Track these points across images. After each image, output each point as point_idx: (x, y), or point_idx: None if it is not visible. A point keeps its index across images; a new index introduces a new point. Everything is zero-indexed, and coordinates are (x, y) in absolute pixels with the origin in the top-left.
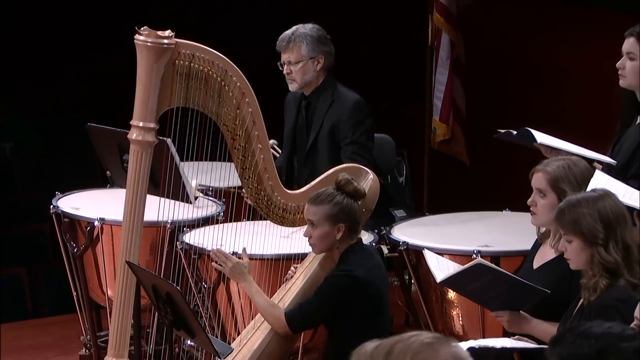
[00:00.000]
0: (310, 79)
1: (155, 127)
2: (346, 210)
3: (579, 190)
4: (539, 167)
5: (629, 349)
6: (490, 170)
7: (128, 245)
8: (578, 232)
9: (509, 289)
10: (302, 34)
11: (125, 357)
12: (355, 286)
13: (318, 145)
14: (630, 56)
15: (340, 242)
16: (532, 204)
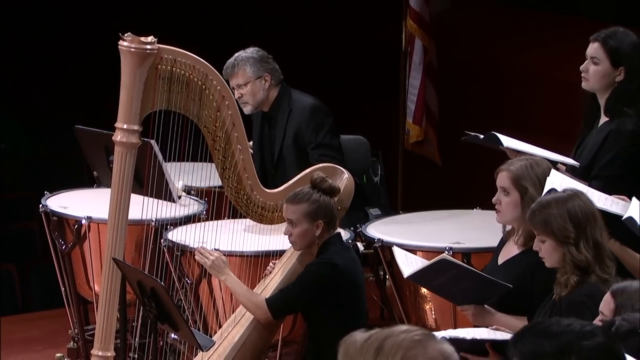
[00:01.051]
0: (262, 97)
1: (139, 129)
2: (323, 206)
3: (541, 189)
4: (503, 167)
5: (590, 346)
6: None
7: (114, 242)
8: (550, 233)
9: (473, 283)
10: (244, 57)
11: (111, 350)
12: (335, 273)
13: (284, 154)
14: (594, 61)
15: (319, 238)
16: (496, 202)
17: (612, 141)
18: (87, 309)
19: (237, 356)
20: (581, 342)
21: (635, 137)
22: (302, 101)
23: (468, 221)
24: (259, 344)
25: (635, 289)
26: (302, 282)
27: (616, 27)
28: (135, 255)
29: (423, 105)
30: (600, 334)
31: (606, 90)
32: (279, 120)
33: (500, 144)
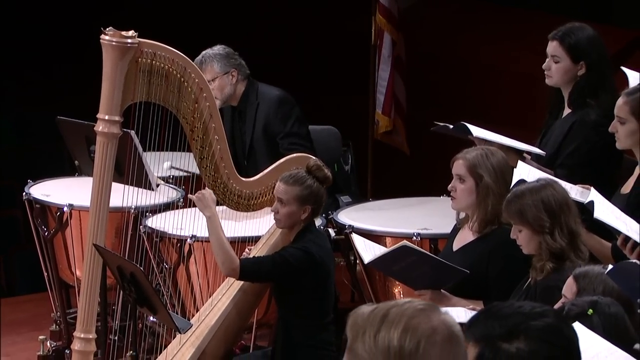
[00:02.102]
0: (230, 92)
1: (119, 120)
2: (314, 193)
3: (496, 177)
4: (459, 156)
5: (538, 326)
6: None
7: (95, 229)
8: (525, 223)
9: (431, 269)
10: (211, 54)
11: (92, 333)
12: (308, 261)
13: (255, 146)
14: (554, 59)
15: (303, 222)
16: (452, 189)
17: (576, 131)
18: (69, 293)
19: (214, 338)
20: (529, 323)
21: (598, 127)
22: (269, 93)
23: (435, 208)
24: (235, 326)
25: (597, 273)
26: (276, 259)
27: (572, 22)
28: (115, 241)
29: (392, 97)
30: (549, 315)
31: (569, 84)
32: (248, 113)
33: (470, 133)
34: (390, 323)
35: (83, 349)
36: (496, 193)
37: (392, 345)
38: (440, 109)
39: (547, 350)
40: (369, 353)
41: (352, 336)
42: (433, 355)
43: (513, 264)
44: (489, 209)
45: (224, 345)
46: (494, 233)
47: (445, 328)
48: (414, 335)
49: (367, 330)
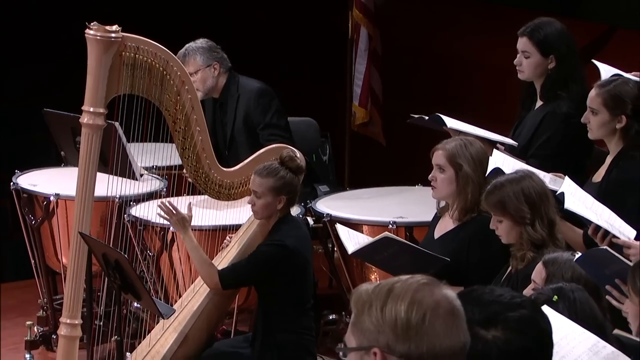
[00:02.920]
0: (212, 84)
1: (104, 112)
2: (288, 183)
3: (475, 166)
4: (438, 146)
5: (514, 317)
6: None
7: (80, 217)
8: (506, 214)
9: (413, 258)
10: (194, 47)
11: (78, 318)
12: (284, 254)
13: (236, 136)
14: (525, 55)
15: (279, 212)
16: (432, 179)
17: (548, 123)
18: (55, 280)
19: (196, 323)
20: (507, 314)
21: (569, 119)
22: (250, 86)
23: (411, 197)
24: (216, 312)
25: (566, 259)
26: (253, 261)
27: (540, 18)
28: (100, 229)
29: (368, 89)
30: (527, 306)
31: (541, 78)
32: (229, 105)
33: (444, 124)
34: (396, 297)
35: (69, 334)
36: (475, 182)
37: (400, 317)
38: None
39: (521, 340)
40: (376, 325)
41: (357, 310)
42: (437, 326)
43: (492, 251)
44: (469, 197)
45: (206, 330)
46: (474, 221)
47: (447, 302)
48: (419, 308)
49: (374, 304)
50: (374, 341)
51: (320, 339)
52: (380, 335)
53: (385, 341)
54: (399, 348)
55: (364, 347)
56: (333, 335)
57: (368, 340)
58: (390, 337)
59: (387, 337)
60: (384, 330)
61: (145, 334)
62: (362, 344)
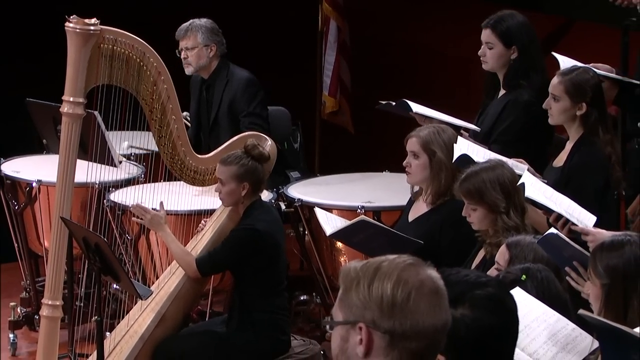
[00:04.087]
0: (204, 64)
1: (83, 101)
2: (250, 171)
3: (447, 152)
4: (412, 134)
5: (481, 295)
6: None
7: (61, 203)
8: (481, 203)
9: (388, 240)
10: (197, 25)
11: (59, 299)
12: (256, 238)
13: (219, 120)
14: (488, 45)
15: (244, 199)
16: (407, 165)
17: (510, 110)
18: (37, 263)
19: (173, 304)
20: (474, 292)
21: (530, 107)
22: (240, 74)
23: (378, 182)
24: (192, 293)
25: (528, 242)
26: (227, 246)
27: (502, 10)
28: (80, 214)
29: (337, 79)
30: (492, 285)
31: (503, 68)
32: (217, 88)
33: (410, 110)
34: (383, 275)
35: (51, 314)
36: (448, 167)
37: (386, 294)
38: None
39: (488, 317)
40: (362, 301)
41: (345, 286)
42: (421, 305)
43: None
44: (442, 182)
45: (182, 310)
46: (446, 204)
47: (432, 281)
48: (405, 286)
49: (362, 281)
50: (360, 316)
51: (293, 319)
52: (366, 311)
53: (370, 317)
54: (383, 324)
55: (350, 321)
56: (304, 315)
57: (354, 315)
58: (375, 313)
59: (373, 313)
60: (370, 306)
61: (124, 314)
62: (349, 319)
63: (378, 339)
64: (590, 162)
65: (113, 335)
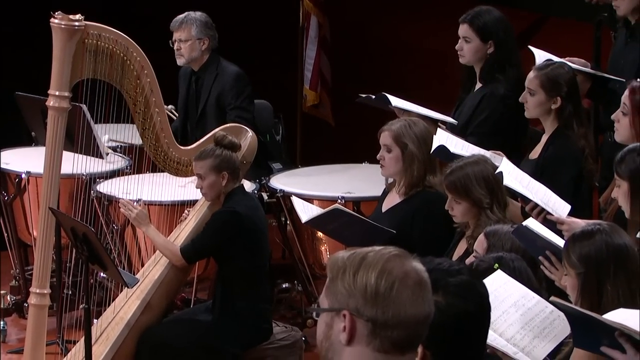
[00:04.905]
0: (196, 56)
1: (69, 95)
2: (226, 160)
3: (419, 145)
4: (385, 127)
5: (454, 282)
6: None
7: (48, 193)
8: (466, 198)
9: (361, 229)
10: (192, 17)
11: (47, 288)
12: (237, 220)
13: (207, 111)
14: (466, 40)
15: (225, 188)
16: (381, 158)
17: (486, 103)
18: (27, 252)
19: (158, 292)
20: (447, 279)
21: (505, 100)
22: (229, 69)
23: (358, 174)
24: (176, 281)
25: (506, 231)
26: (209, 230)
27: (479, 6)
28: (68, 204)
29: (318, 73)
30: (465, 273)
31: (480, 62)
32: (206, 80)
33: (390, 103)
34: (368, 265)
35: (39, 302)
36: (420, 160)
37: (370, 284)
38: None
39: (461, 303)
40: (347, 290)
41: (332, 275)
42: (404, 296)
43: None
44: (415, 174)
45: (167, 297)
46: (418, 195)
47: (416, 273)
48: (389, 277)
49: (347, 270)
50: (345, 304)
51: (274, 306)
52: (351, 299)
53: (354, 305)
54: (366, 312)
55: (335, 308)
56: (286, 303)
57: (339, 302)
58: (359, 302)
59: (357, 301)
60: (355, 295)
61: (111, 302)
62: (334, 306)
63: (361, 326)
64: (564, 155)
65: (100, 322)
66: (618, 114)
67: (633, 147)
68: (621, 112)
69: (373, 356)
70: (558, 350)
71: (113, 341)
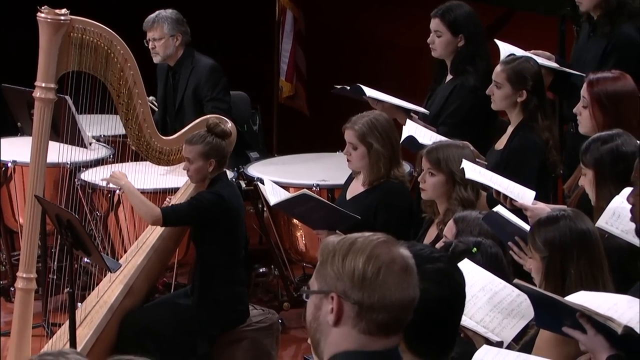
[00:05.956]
0: (171, 52)
1: (54, 87)
2: (215, 148)
3: (384, 142)
4: (348, 125)
5: (432, 269)
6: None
7: (34, 182)
8: (443, 170)
9: (327, 213)
10: (163, 16)
11: (33, 272)
12: (220, 202)
13: (184, 104)
14: (437, 34)
15: (211, 174)
16: (347, 154)
17: (456, 94)
18: (13, 238)
19: (140, 276)
20: (425, 266)
21: (475, 91)
22: (204, 62)
23: (331, 162)
24: (158, 266)
25: (474, 217)
26: (193, 203)
27: (450, 1)
28: (53, 192)
29: (293, 66)
30: (443, 260)
31: (451, 55)
32: (182, 74)
33: (364, 93)
34: (357, 250)
35: (25, 286)
36: (386, 156)
37: (357, 268)
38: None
39: (437, 289)
40: (336, 273)
41: (322, 259)
42: (390, 281)
43: (396, 214)
44: (381, 170)
45: (148, 282)
46: (381, 186)
47: (402, 259)
48: (376, 262)
49: (337, 254)
50: (333, 287)
51: (252, 290)
52: (339, 283)
53: (342, 288)
54: (353, 295)
55: (323, 290)
56: (263, 287)
57: (328, 285)
58: (347, 285)
59: (345, 284)
60: (343, 278)
61: (94, 286)
62: (323, 289)
63: (348, 309)
64: (528, 146)
65: (84, 305)
66: (579, 108)
67: (597, 137)
68: (582, 106)
69: (358, 337)
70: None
71: (97, 324)
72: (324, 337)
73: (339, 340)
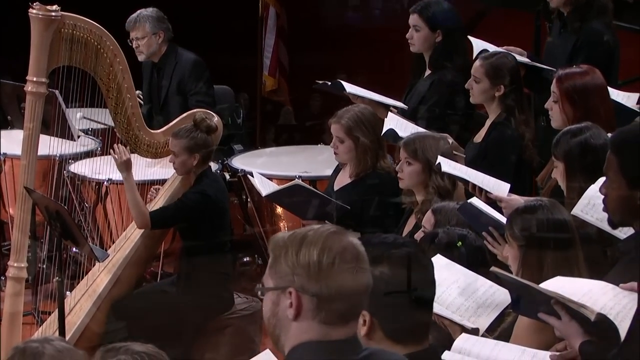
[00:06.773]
0: (155, 50)
1: (46, 81)
2: (200, 143)
3: (369, 135)
4: (334, 120)
5: (398, 254)
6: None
7: (25, 174)
8: (421, 160)
9: (318, 203)
10: (144, 15)
11: (24, 262)
12: (206, 201)
13: (169, 99)
14: (416, 29)
15: (196, 168)
16: (334, 147)
17: (435, 89)
18: (4, 229)
19: (127, 266)
20: (391, 251)
21: (453, 86)
22: (187, 57)
23: (314, 154)
24: (145, 255)
25: (452, 208)
26: (180, 206)
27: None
28: (43, 184)
29: (276, 60)
30: (409, 245)
31: (429, 50)
32: (166, 70)
33: (344, 89)
34: (309, 243)
35: (16, 275)
36: (372, 149)
37: (312, 261)
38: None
39: (406, 273)
40: (291, 268)
41: (274, 255)
42: (345, 269)
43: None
44: (368, 162)
45: (136, 271)
46: (367, 176)
47: (353, 247)
48: (330, 253)
49: (289, 249)
50: (290, 282)
51: (236, 279)
52: (295, 277)
53: (299, 282)
54: (311, 288)
55: (280, 287)
56: (247, 276)
57: (284, 281)
58: (304, 279)
59: (302, 278)
60: (299, 272)
61: (83, 275)
62: (279, 284)
63: (307, 302)
64: (505, 140)
65: (73, 294)
66: (550, 103)
67: (567, 130)
68: (552, 101)
69: (319, 328)
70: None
71: (85, 313)
72: (284, 331)
73: (300, 332)
